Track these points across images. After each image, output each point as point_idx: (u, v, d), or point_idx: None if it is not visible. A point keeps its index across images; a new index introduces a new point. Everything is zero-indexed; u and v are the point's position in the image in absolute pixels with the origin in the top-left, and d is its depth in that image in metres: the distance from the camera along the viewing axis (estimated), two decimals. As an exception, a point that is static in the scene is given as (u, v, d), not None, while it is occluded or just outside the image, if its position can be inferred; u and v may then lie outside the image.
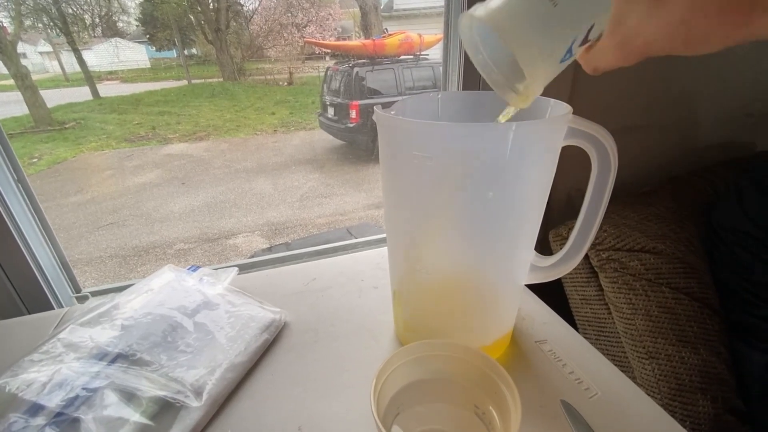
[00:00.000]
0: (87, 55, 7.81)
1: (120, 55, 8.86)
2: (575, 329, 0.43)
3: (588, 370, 0.37)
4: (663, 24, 0.17)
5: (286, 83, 7.61)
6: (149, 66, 9.55)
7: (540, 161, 0.30)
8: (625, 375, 0.37)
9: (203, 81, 7.87)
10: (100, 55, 8.68)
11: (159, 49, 9.70)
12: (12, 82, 4.59)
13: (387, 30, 4.95)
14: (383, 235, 0.70)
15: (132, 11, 8.99)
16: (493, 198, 0.29)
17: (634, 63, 0.20)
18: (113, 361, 0.34)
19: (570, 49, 0.22)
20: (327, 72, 4.31)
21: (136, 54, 9.39)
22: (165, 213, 2.94)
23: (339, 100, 3.91)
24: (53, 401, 0.31)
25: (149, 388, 0.33)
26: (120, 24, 9.06)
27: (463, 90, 0.61)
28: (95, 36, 8.52)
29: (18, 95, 4.55)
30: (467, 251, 0.33)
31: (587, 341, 0.41)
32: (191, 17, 8.52)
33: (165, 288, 0.44)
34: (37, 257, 0.55)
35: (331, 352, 0.40)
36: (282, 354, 0.40)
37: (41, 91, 5.00)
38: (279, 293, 0.50)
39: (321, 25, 8.04)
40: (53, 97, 5.69)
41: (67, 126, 4.97)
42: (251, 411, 0.34)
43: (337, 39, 7.73)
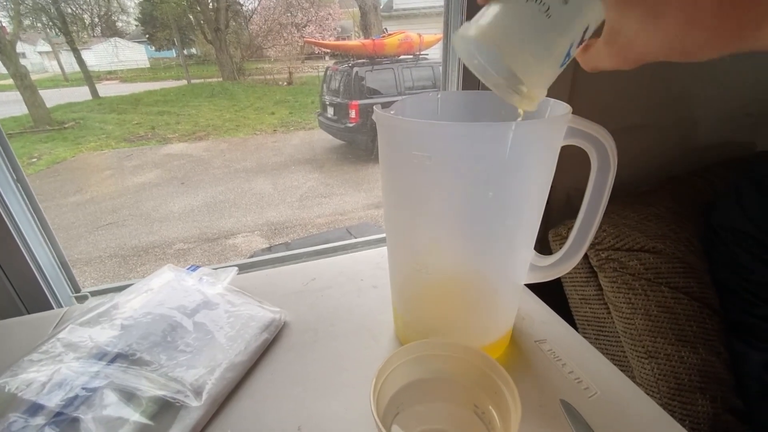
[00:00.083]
0: (86, 55, 7.79)
1: (119, 55, 8.84)
2: (575, 329, 0.43)
3: (587, 369, 0.37)
4: (659, 36, 0.17)
5: (285, 83, 7.60)
6: (148, 66, 9.53)
7: (540, 161, 0.30)
8: (625, 374, 0.37)
9: (203, 81, 7.84)
10: (99, 55, 8.66)
11: (158, 49, 9.68)
12: (11, 81, 4.58)
13: (386, 30, 4.96)
14: (383, 235, 0.70)
15: (131, 11, 8.99)
16: (493, 198, 0.29)
17: (632, 68, 0.20)
18: (113, 361, 0.34)
19: (568, 53, 0.22)
20: (326, 72, 4.30)
21: (135, 54, 9.36)
22: (164, 213, 2.94)
23: (338, 99, 3.91)
24: (53, 401, 0.31)
25: (149, 387, 0.33)
26: (119, 24, 9.06)
27: (463, 90, 0.61)
28: (94, 36, 8.50)
29: (17, 95, 4.53)
30: (467, 251, 0.33)
31: (587, 341, 0.41)
32: (191, 17, 8.51)
33: (164, 288, 0.44)
34: (37, 257, 0.55)
35: (331, 351, 0.40)
36: (281, 353, 0.40)
37: (40, 91, 5.00)
38: (278, 293, 0.50)
39: (320, 25, 8.03)
40: (52, 97, 5.67)
41: (67, 126, 4.96)
42: (251, 410, 0.34)
43: (337, 39, 7.73)
